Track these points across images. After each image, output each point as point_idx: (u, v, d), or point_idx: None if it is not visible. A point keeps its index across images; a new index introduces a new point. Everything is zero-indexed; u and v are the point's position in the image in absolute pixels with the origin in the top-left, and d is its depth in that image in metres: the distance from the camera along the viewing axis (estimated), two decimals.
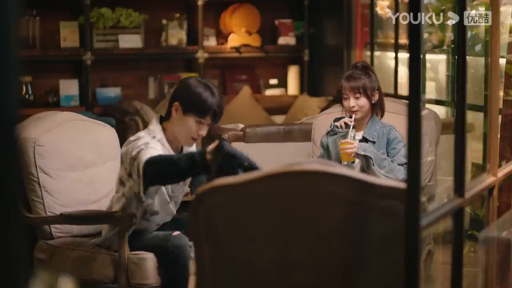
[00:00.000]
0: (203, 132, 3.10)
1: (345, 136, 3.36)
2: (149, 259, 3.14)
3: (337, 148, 3.39)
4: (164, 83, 6.40)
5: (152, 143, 3.03)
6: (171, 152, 3.11)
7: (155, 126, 3.13)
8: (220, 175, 2.59)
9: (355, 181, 1.96)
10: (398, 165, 3.32)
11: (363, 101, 3.40)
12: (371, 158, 3.29)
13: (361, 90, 3.38)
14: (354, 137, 3.38)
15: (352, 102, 3.40)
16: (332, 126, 3.46)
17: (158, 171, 2.92)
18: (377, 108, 3.45)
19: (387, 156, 3.37)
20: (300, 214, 2.00)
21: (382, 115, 3.47)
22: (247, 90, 6.40)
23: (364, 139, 3.40)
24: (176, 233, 3.13)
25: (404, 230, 1.61)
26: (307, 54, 6.65)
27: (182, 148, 3.20)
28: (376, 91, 3.43)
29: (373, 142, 3.39)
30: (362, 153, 3.30)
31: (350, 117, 3.39)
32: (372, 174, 3.25)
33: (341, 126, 3.39)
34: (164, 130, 3.13)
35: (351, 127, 3.36)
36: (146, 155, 2.93)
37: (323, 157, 3.47)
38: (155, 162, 2.91)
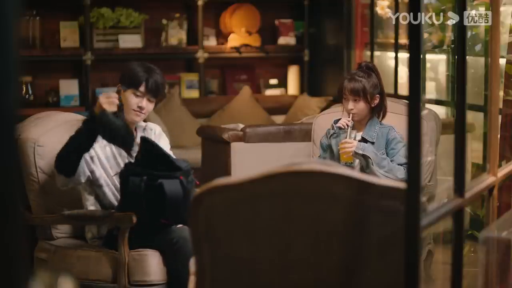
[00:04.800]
0: (142, 104, 3.26)
1: (346, 136, 3.35)
2: (150, 255, 3.14)
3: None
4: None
5: None
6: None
7: None
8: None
9: (355, 181, 1.95)
10: (398, 165, 3.32)
11: (361, 104, 3.39)
12: (369, 157, 3.29)
13: (361, 94, 3.37)
14: (355, 137, 3.38)
15: (350, 104, 3.39)
16: (334, 129, 3.45)
17: (60, 155, 3.16)
18: (377, 111, 3.45)
19: (387, 156, 3.37)
20: (300, 214, 2.00)
21: (383, 117, 3.47)
22: (247, 90, 6.40)
23: (363, 140, 3.39)
24: (180, 225, 3.15)
25: (404, 230, 1.61)
26: (307, 54, 6.64)
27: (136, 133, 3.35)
28: (377, 95, 3.41)
29: (372, 143, 3.38)
30: (361, 152, 3.30)
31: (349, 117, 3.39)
32: (372, 174, 3.25)
33: (343, 126, 3.39)
34: None
35: (349, 128, 3.36)
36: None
37: (324, 159, 3.47)
38: (58, 155, 3.18)
